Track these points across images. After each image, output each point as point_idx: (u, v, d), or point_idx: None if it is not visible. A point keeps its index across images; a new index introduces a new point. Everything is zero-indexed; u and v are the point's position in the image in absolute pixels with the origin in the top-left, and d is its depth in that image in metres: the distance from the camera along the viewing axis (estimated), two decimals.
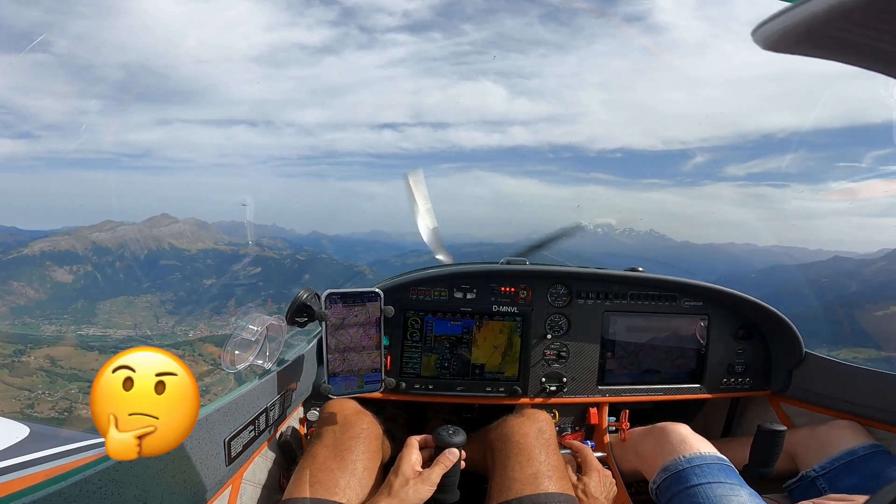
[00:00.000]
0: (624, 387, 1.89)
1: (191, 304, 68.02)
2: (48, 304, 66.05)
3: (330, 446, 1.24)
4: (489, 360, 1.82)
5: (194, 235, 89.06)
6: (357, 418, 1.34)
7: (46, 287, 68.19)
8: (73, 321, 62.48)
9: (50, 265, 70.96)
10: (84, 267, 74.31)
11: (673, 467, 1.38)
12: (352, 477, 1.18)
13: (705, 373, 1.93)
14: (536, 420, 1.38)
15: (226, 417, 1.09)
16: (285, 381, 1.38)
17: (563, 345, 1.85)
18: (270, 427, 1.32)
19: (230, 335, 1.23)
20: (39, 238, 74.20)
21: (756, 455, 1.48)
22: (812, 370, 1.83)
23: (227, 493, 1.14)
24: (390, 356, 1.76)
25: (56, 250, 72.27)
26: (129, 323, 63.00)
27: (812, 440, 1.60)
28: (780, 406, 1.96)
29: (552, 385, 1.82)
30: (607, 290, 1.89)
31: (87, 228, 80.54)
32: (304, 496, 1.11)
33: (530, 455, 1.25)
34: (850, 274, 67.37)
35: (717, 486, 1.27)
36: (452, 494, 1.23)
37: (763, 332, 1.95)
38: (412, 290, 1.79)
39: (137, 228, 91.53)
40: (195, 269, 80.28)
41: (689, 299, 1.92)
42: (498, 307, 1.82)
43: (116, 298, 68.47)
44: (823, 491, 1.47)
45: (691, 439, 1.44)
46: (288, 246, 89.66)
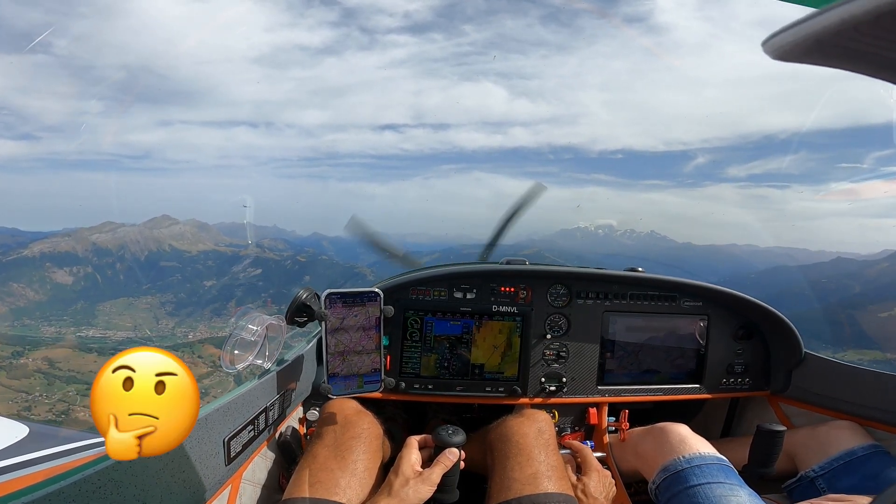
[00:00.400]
0: (623, 387, 1.90)
1: (191, 306, 67.87)
2: (48, 306, 65.84)
3: (330, 446, 1.24)
4: (489, 360, 1.82)
5: (195, 237, 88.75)
6: (358, 418, 1.34)
7: (46, 288, 67.99)
8: (73, 323, 62.30)
9: (50, 266, 70.78)
10: (84, 268, 74.14)
11: (672, 467, 1.38)
12: (352, 477, 1.18)
13: (705, 373, 1.93)
14: (536, 420, 1.38)
15: (225, 417, 1.09)
16: (285, 380, 1.38)
17: (563, 345, 1.85)
18: (270, 427, 1.32)
19: (230, 335, 1.23)
20: (39, 239, 74.02)
21: (755, 455, 1.48)
22: (811, 370, 1.83)
23: (226, 492, 1.14)
24: (390, 356, 1.76)
25: (56, 252, 72.08)
26: (128, 324, 62.82)
27: (811, 440, 1.61)
28: (779, 406, 1.97)
29: (552, 385, 1.83)
30: (607, 290, 1.89)
31: (87, 230, 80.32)
32: (304, 496, 1.11)
33: (530, 455, 1.25)
34: (853, 275, 67.14)
35: (717, 486, 1.27)
36: (452, 494, 1.23)
37: (763, 333, 1.95)
38: (412, 289, 1.79)
39: (138, 230, 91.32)
40: (195, 271, 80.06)
41: (689, 299, 1.92)
42: (498, 307, 1.82)
43: (116, 300, 68.32)
44: (822, 491, 1.47)
45: (691, 439, 1.44)
46: (288, 247, 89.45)
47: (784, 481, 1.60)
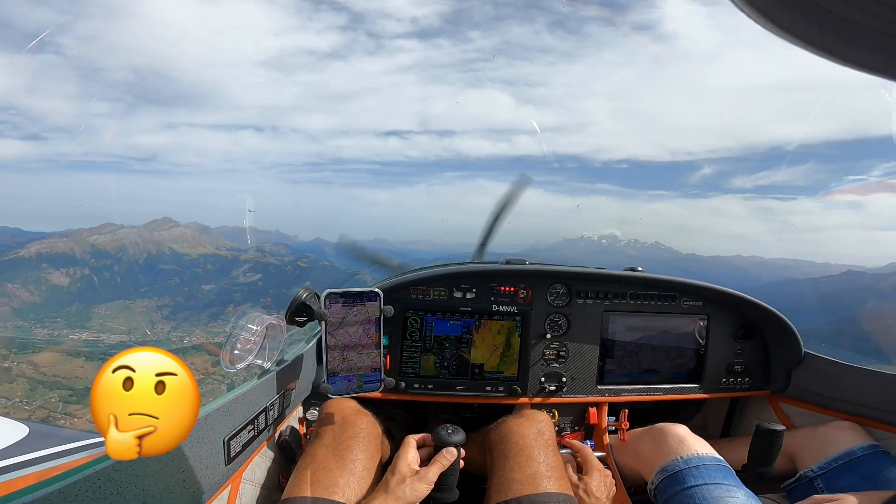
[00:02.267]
0: (623, 386, 1.90)
1: (188, 310, 66.93)
2: (42, 308, 64.77)
3: (329, 446, 1.24)
4: (489, 360, 1.82)
5: (195, 240, 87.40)
6: (356, 418, 1.34)
7: (42, 290, 66.93)
8: (67, 325, 61.17)
9: (46, 267, 69.64)
10: (81, 270, 73.04)
11: (671, 468, 1.38)
12: (350, 476, 1.18)
13: (704, 373, 1.93)
14: (535, 421, 1.38)
15: (225, 417, 1.09)
16: (285, 380, 1.38)
17: (563, 344, 1.85)
18: (270, 426, 1.32)
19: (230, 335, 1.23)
20: (37, 240, 72.72)
21: (755, 455, 1.48)
22: (811, 370, 1.83)
23: (226, 492, 1.14)
24: (390, 356, 1.76)
25: (53, 252, 70.95)
26: (123, 328, 61.70)
27: (811, 440, 1.61)
28: (779, 406, 1.97)
29: (551, 385, 1.83)
30: (607, 289, 1.89)
31: (86, 231, 79.11)
32: (303, 495, 1.11)
33: (529, 456, 1.25)
34: (866, 289, 65.94)
35: (714, 487, 1.27)
36: (451, 494, 1.23)
37: (762, 332, 1.96)
38: (412, 289, 1.79)
39: (137, 232, 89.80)
40: (194, 274, 78.96)
41: (689, 299, 1.92)
42: (497, 307, 1.82)
43: (112, 303, 67.12)
44: (821, 491, 1.47)
45: (689, 440, 1.44)
46: (290, 252, 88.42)
47: (783, 481, 1.60)
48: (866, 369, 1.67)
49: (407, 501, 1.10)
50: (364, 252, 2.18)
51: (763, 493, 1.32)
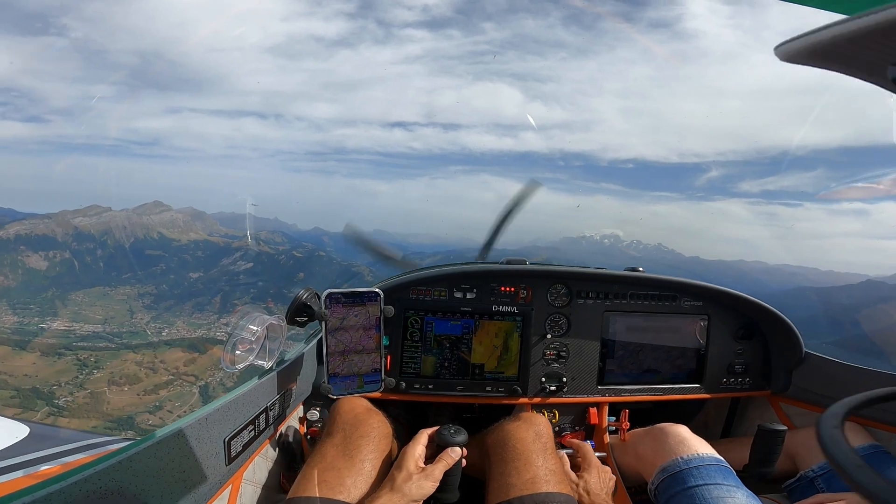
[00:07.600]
0: (624, 387, 1.89)
1: (171, 299, 62.17)
2: (16, 293, 59.32)
3: (339, 445, 1.24)
4: (489, 360, 1.82)
5: (187, 225, 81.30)
6: (367, 417, 1.33)
7: (17, 273, 61.37)
8: (39, 313, 56.10)
9: (24, 250, 63.89)
10: (62, 253, 66.89)
11: (671, 468, 1.38)
12: (358, 476, 1.17)
13: (705, 373, 1.93)
14: (534, 424, 1.37)
15: (225, 417, 1.09)
16: (285, 380, 1.38)
17: (563, 344, 1.85)
18: (270, 427, 1.32)
19: (230, 335, 1.23)
20: (17, 220, 66.23)
21: (756, 455, 1.48)
22: (812, 370, 1.83)
23: (226, 492, 1.14)
24: (390, 356, 1.76)
25: (33, 234, 65.19)
26: (99, 317, 56.50)
27: (812, 440, 1.61)
28: (780, 406, 1.97)
29: (552, 385, 1.82)
30: (607, 289, 1.88)
31: (70, 212, 72.17)
32: (307, 495, 1.11)
33: (528, 459, 1.24)
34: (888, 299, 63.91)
35: (715, 487, 1.27)
36: (453, 494, 1.23)
37: (763, 332, 1.95)
38: (412, 289, 1.79)
39: (126, 215, 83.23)
40: (182, 261, 73.44)
41: (689, 299, 1.92)
42: (498, 307, 1.82)
43: (91, 289, 61.74)
44: (821, 491, 1.47)
45: (690, 440, 1.44)
46: (286, 241, 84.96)
47: (784, 481, 1.60)
48: (867, 369, 1.67)
49: (412, 499, 1.10)
50: (369, 243, 2.17)
51: (764, 494, 1.32)
